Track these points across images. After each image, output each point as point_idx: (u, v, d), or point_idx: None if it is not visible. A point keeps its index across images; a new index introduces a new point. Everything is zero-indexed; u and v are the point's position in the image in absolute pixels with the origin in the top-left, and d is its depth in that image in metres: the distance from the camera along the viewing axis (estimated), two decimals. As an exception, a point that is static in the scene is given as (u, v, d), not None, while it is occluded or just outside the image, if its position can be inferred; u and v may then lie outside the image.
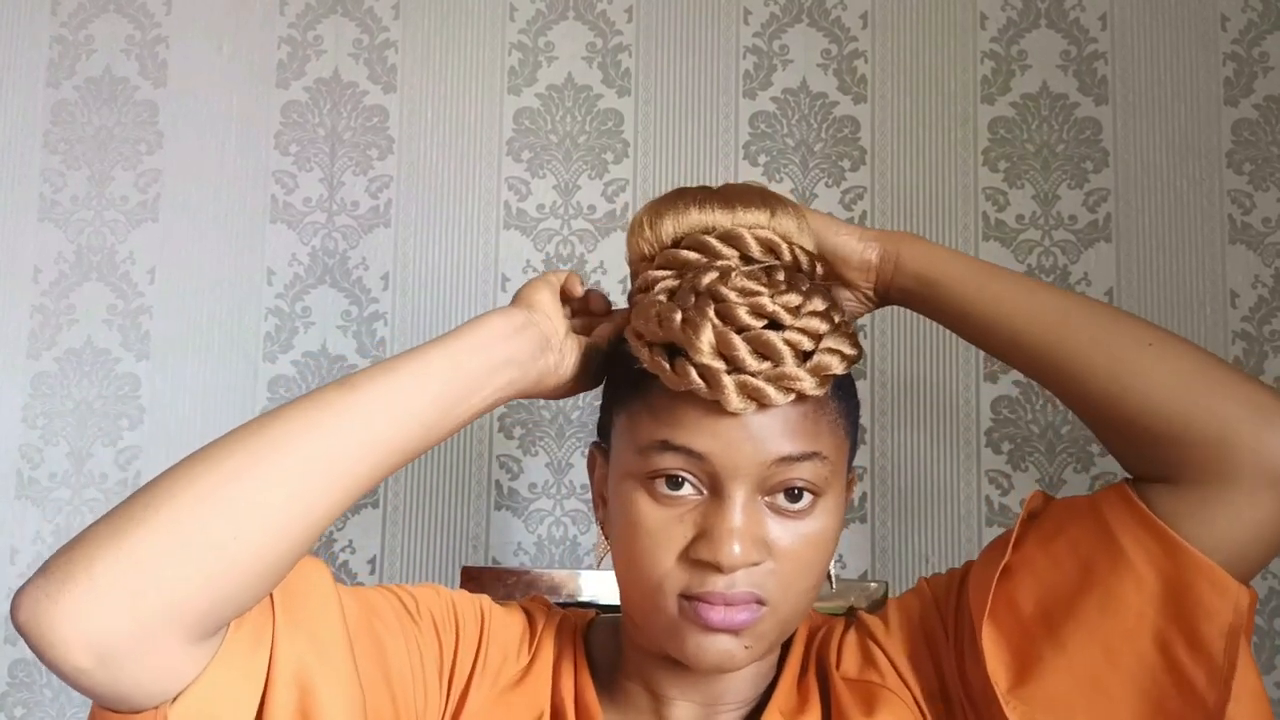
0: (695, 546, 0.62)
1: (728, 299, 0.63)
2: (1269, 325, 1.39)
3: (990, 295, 0.70)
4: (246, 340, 1.44)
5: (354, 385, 0.61)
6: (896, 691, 0.70)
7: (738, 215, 0.70)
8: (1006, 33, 1.45)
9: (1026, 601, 0.67)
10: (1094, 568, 0.65)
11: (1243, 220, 1.40)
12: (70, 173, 1.47)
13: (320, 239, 1.46)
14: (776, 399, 0.61)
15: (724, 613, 0.62)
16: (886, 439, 1.40)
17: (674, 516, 0.63)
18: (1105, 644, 0.63)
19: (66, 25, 1.49)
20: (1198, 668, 0.61)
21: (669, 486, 0.63)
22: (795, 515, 0.64)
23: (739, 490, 0.62)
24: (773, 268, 0.67)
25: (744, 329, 0.62)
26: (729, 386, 0.60)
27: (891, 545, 1.37)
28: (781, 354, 0.61)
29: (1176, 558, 0.62)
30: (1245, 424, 0.61)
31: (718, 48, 1.47)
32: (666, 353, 0.64)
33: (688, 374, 0.61)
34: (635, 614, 0.69)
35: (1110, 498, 0.67)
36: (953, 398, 1.39)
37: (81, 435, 1.43)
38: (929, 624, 0.72)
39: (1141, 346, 0.65)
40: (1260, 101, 1.42)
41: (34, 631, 0.51)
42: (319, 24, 1.49)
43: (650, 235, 0.71)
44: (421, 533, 1.41)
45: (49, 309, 1.45)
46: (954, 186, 1.43)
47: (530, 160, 1.46)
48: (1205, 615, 0.61)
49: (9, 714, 1.40)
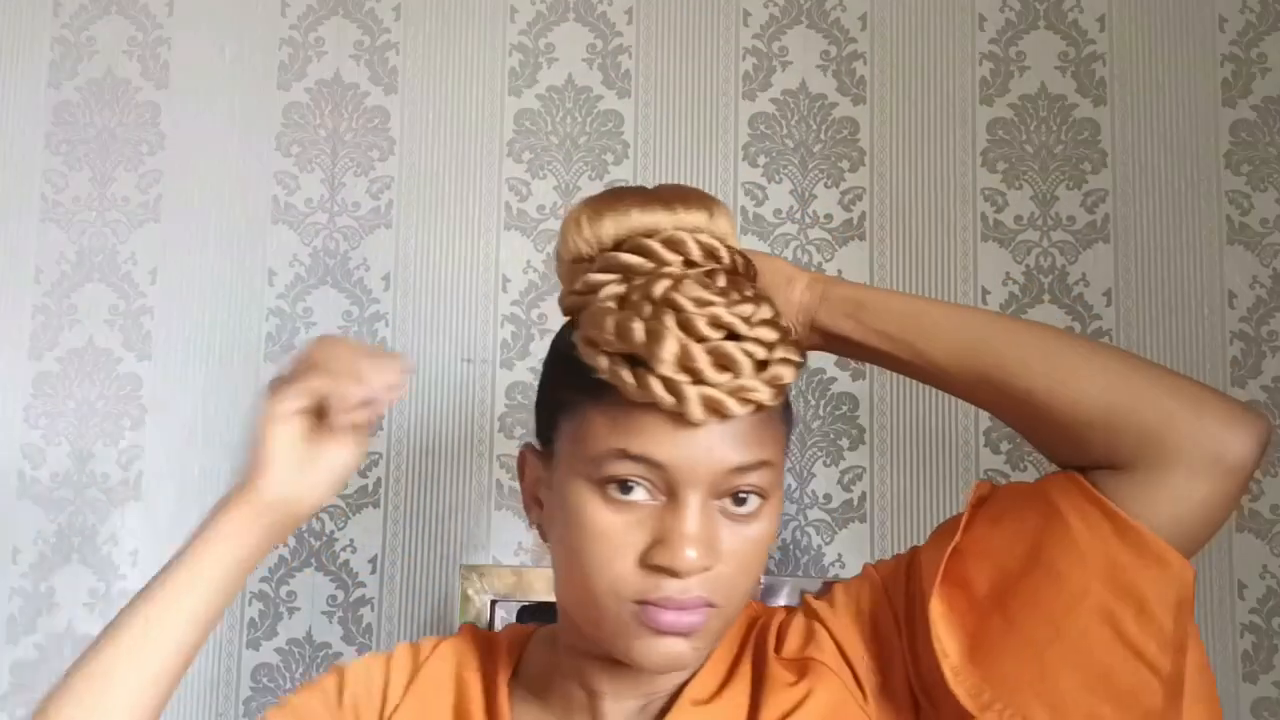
0: (651, 552, 0.63)
1: (686, 309, 0.63)
2: (1267, 325, 1.39)
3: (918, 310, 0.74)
4: (248, 341, 1.45)
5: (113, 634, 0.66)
6: (833, 667, 0.71)
7: (679, 217, 0.69)
8: (1005, 34, 1.45)
9: (978, 581, 0.69)
10: (1042, 547, 0.67)
11: (1241, 221, 1.40)
12: (72, 173, 1.47)
13: (321, 240, 1.46)
14: (737, 411, 0.62)
15: (675, 616, 0.63)
16: (885, 439, 1.40)
17: (629, 522, 0.64)
18: (1054, 620, 0.66)
19: (68, 26, 1.50)
20: (1148, 638, 0.64)
21: (620, 491, 0.64)
22: (743, 519, 0.65)
23: (694, 497, 0.63)
24: (713, 272, 0.67)
25: (703, 340, 0.62)
26: (693, 399, 0.61)
27: (890, 545, 1.37)
28: (741, 366, 0.62)
29: (1125, 535, 0.65)
30: (1184, 411, 0.66)
31: (717, 49, 1.47)
32: (626, 362, 0.63)
33: (650, 386, 0.62)
34: (578, 616, 0.69)
35: (1059, 481, 0.69)
36: (951, 398, 1.40)
37: (83, 435, 1.43)
38: (877, 609, 0.73)
39: (1075, 346, 0.72)
40: (1258, 103, 1.42)
41: None
42: (320, 25, 1.49)
43: (589, 235, 0.70)
44: (421, 532, 1.41)
45: (51, 309, 1.45)
46: (952, 187, 1.43)
47: (531, 161, 1.47)
48: (1153, 588, 0.64)
49: (10, 714, 1.40)
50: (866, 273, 1.42)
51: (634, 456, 0.63)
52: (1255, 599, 1.36)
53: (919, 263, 1.42)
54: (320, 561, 1.40)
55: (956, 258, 1.42)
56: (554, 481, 0.69)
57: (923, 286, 1.41)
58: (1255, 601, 1.36)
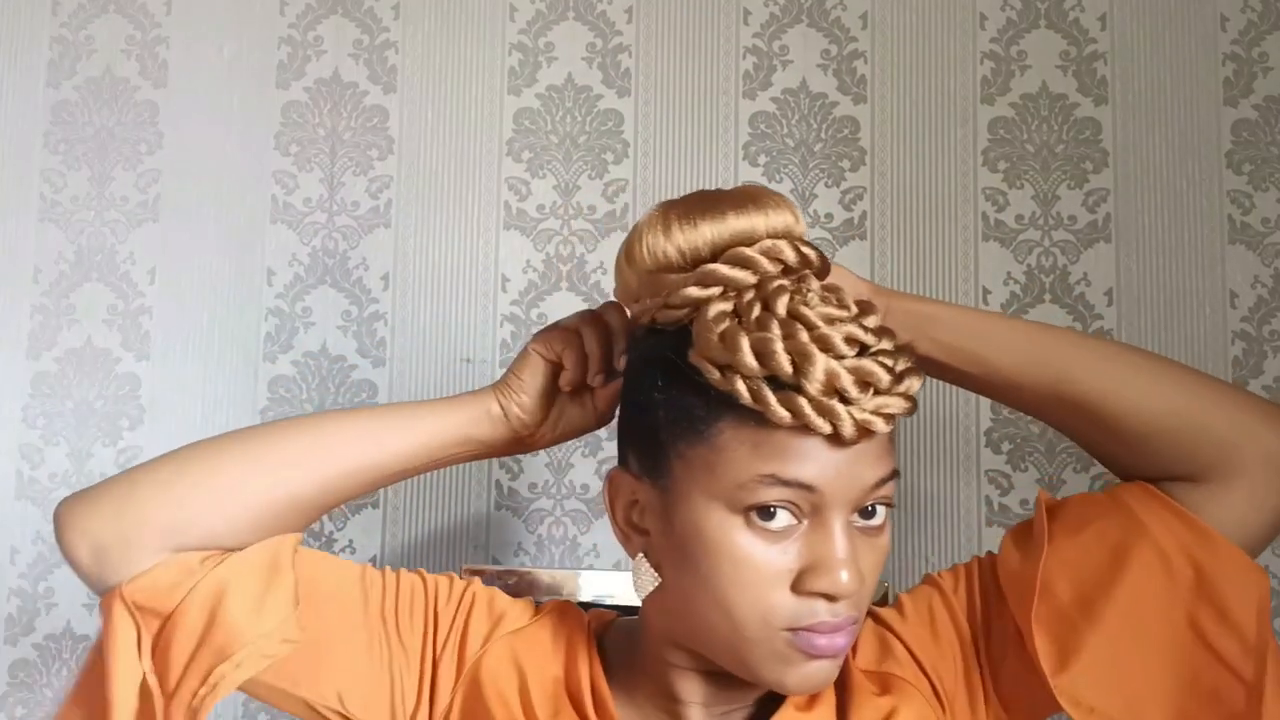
0: (805, 579, 0.62)
1: (819, 326, 0.62)
2: (1268, 325, 1.39)
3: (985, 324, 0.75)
4: (247, 340, 1.44)
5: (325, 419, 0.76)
6: (914, 682, 0.72)
7: (770, 219, 0.68)
8: (1006, 33, 1.45)
9: (1061, 590, 0.70)
10: (1125, 555, 0.69)
11: (1242, 220, 1.40)
12: (70, 173, 1.47)
13: (320, 239, 1.46)
14: (883, 428, 0.62)
15: (829, 639, 0.63)
16: (886, 439, 1.40)
17: (778, 550, 0.63)
18: (1141, 626, 0.68)
19: (67, 25, 1.49)
20: (1233, 644, 0.66)
21: (763, 518, 0.63)
22: (874, 532, 0.65)
23: (838, 517, 0.63)
24: (805, 277, 0.67)
25: (842, 357, 0.62)
26: (846, 420, 0.60)
27: (895, 546, 1.36)
28: (881, 381, 0.62)
29: (1206, 543, 0.68)
30: (1257, 425, 0.69)
31: (717, 48, 1.47)
32: (769, 385, 0.62)
33: (802, 410, 0.60)
34: (714, 645, 0.67)
35: (1134, 491, 0.71)
36: (952, 398, 1.39)
37: (82, 435, 1.43)
38: (951, 618, 0.74)
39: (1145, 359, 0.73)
40: (1260, 102, 1.42)
41: (57, 530, 0.71)
42: (319, 24, 1.49)
43: (683, 243, 0.67)
44: (421, 533, 1.41)
45: (49, 309, 1.45)
46: (954, 187, 1.43)
47: (530, 160, 1.46)
48: (1236, 595, 0.67)
49: (9, 714, 1.40)
50: (867, 272, 1.41)
51: (785, 481, 0.62)
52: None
53: (920, 262, 1.42)
54: (319, 562, 1.40)
55: (957, 257, 1.42)
56: (675, 510, 0.66)
57: (923, 286, 1.41)
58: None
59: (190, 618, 0.68)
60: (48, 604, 1.41)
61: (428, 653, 0.73)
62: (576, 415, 0.77)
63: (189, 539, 0.70)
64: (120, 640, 0.68)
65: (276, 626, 0.68)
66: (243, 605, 0.68)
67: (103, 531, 0.69)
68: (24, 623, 1.41)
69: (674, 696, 0.71)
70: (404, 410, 0.75)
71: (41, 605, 1.41)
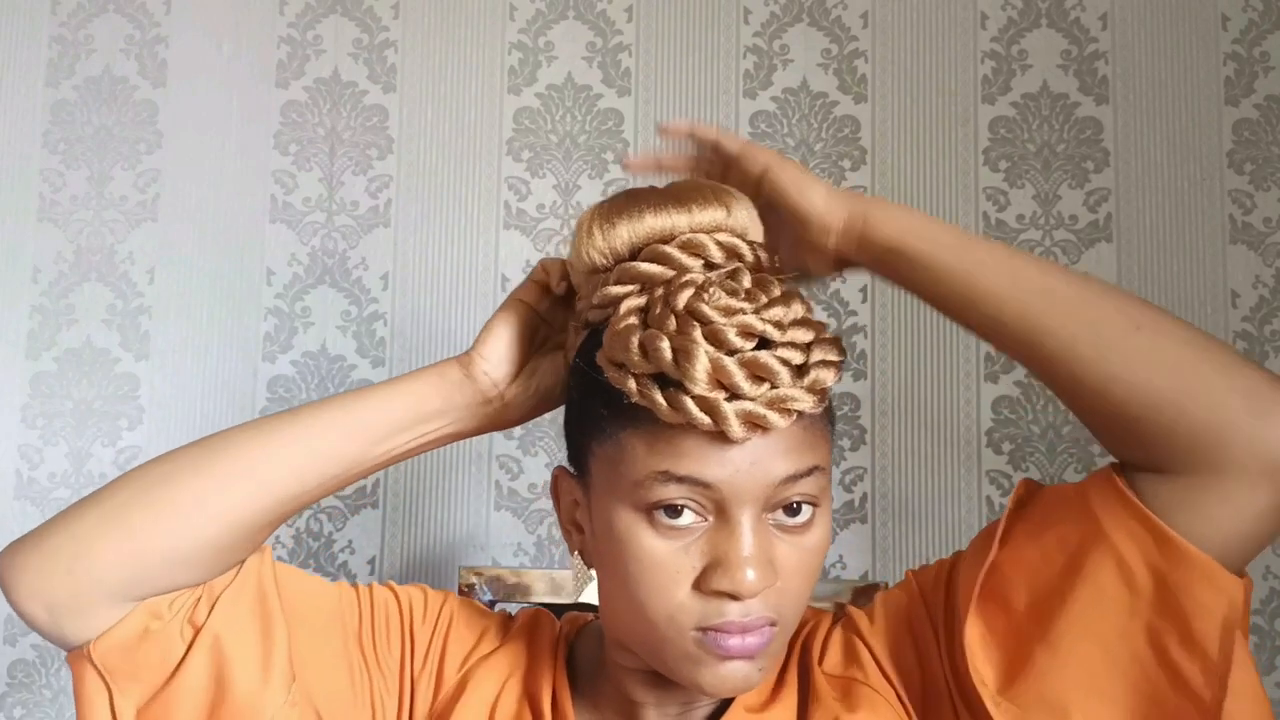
0: (708, 577, 0.60)
1: (713, 320, 0.59)
2: (1270, 325, 1.38)
3: (966, 268, 0.67)
4: (246, 340, 1.44)
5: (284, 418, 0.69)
6: (879, 690, 0.69)
7: (695, 216, 0.66)
8: (1007, 32, 1.45)
9: (1017, 598, 0.65)
10: (1084, 562, 0.62)
11: (1243, 220, 1.40)
12: (70, 172, 1.47)
13: (320, 239, 1.46)
14: (779, 423, 0.59)
15: (740, 640, 0.61)
16: (887, 439, 1.39)
17: (680, 548, 0.61)
18: (1097, 641, 0.61)
19: (66, 25, 1.49)
20: (1193, 664, 0.59)
21: (669, 516, 0.61)
22: (799, 530, 0.62)
23: (745, 514, 0.60)
24: (737, 272, 0.63)
25: (735, 351, 0.59)
26: (731, 417, 0.58)
27: (892, 546, 1.37)
28: (778, 375, 0.59)
29: (1168, 551, 0.60)
30: (1240, 414, 0.58)
31: (718, 47, 1.47)
32: (656, 383, 0.60)
33: (685, 407, 0.58)
34: (637, 644, 0.66)
35: (1099, 486, 0.64)
36: (953, 398, 1.39)
37: (81, 435, 1.43)
38: (916, 620, 0.70)
39: (1130, 329, 0.62)
40: (1261, 101, 1.42)
41: (4, 587, 0.65)
42: (319, 24, 1.49)
43: (603, 245, 0.67)
44: (421, 533, 1.41)
45: (48, 309, 1.45)
46: (954, 186, 1.43)
47: (530, 160, 1.46)
48: (1199, 610, 0.59)
49: (8, 714, 1.39)
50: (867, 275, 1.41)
51: (679, 478, 0.60)
52: (1258, 600, 1.36)
53: (920, 262, 1.42)
54: (318, 562, 1.40)
55: (958, 257, 1.42)
56: (595, 509, 0.65)
57: (924, 286, 1.41)
58: (1258, 603, 1.36)
59: (194, 696, 0.64)
60: (47, 604, 1.41)
61: (405, 674, 0.72)
62: (549, 371, 0.73)
63: (150, 583, 0.64)
64: (94, 707, 0.65)
65: (284, 688, 0.66)
66: (249, 672, 0.65)
67: (55, 590, 0.64)
68: (24, 623, 1.40)
69: (629, 698, 0.70)
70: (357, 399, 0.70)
71: (41, 605, 1.41)
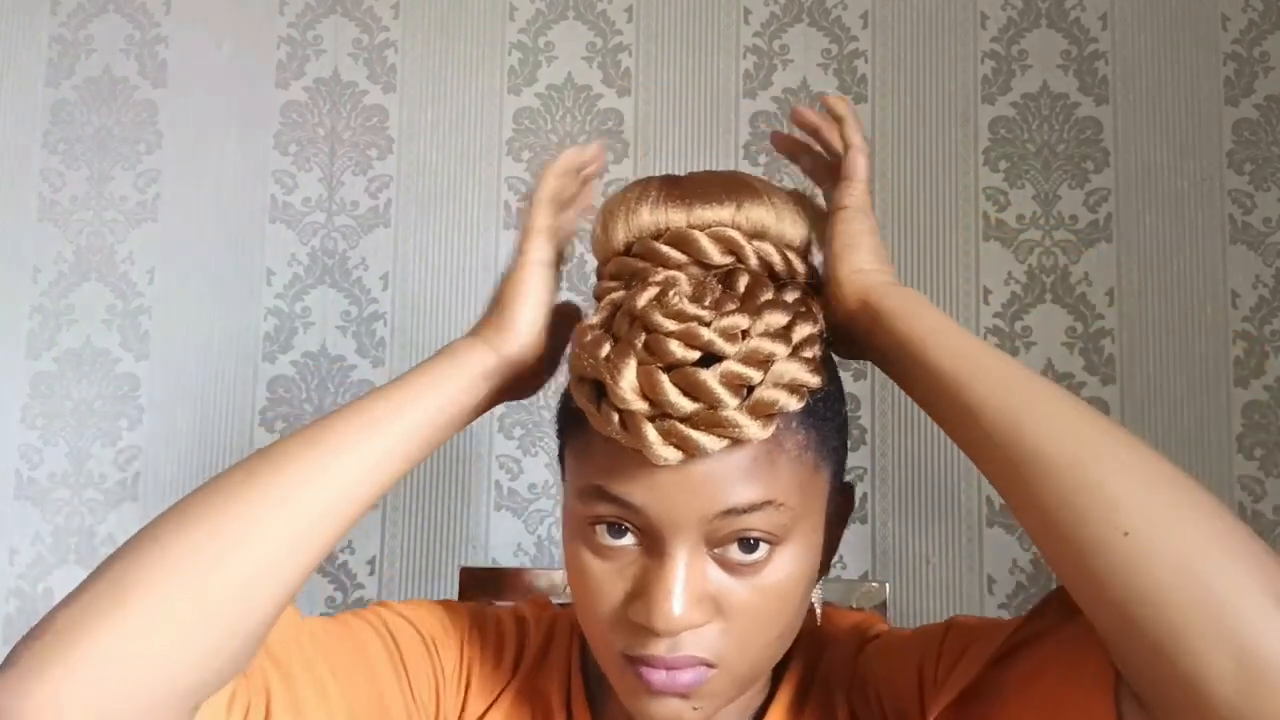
0: (630, 606, 0.55)
1: (659, 327, 0.53)
2: (1270, 325, 1.38)
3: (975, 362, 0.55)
4: (246, 340, 1.44)
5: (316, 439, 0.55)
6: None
7: (695, 213, 0.60)
8: (1007, 32, 1.45)
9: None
10: None
11: (1243, 220, 1.40)
12: (70, 172, 1.47)
13: (320, 239, 1.46)
14: (711, 446, 0.51)
15: (666, 676, 0.55)
16: (887, 439, 1.39)
17: (613, 569, 0.56)
18: None
19: (66, 25, 1.49)
20: None
21: (612, 535, 0.55)
22: (750, 569, 0.54)
23: (680, 546, 0.53)
24: (733, 274, 0.57)
25: (674, 365, 0.52)
26: (650, 436, 0.51)
27: (891, 545, 1.37)
28: (715, 395, 0.51)
29: None
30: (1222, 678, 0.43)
31: (718, 47, 1.47)
32: (594, 390, 0.54)
33: (609, 418, 0.52)
34: (596, 658, 0.61)
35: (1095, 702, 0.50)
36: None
37: (81, 435, 1.43)
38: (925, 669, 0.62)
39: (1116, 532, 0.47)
40: (1261, 101, 1.41)
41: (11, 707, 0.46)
42: (319, 24, 1.49)
43: (603, 237, 0.62)
44: (421, 533, 1.41)
45: (48, 309, 1.45)
46: (954, 186, 1.43)
47: (530, 160, 1.46)
48: None
49: (8, 714, 1.39)
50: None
51: (611, 496, 0.54)
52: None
53: (920, 262, 1.42)
54: (319, 562, 1.40)
55: (958, 257, 1.42)
56: (564, 508, 0.61)
57: (924, 286, 1.41)
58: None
59: None
60: (47, 604, 1.41)
61: (442, 708, 0.66)
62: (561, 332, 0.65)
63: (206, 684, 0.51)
64: None
65: None
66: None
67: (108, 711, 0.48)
68: (23, 623, 1.40)
69: None
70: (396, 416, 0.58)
71: (41, 605, 1.41)
